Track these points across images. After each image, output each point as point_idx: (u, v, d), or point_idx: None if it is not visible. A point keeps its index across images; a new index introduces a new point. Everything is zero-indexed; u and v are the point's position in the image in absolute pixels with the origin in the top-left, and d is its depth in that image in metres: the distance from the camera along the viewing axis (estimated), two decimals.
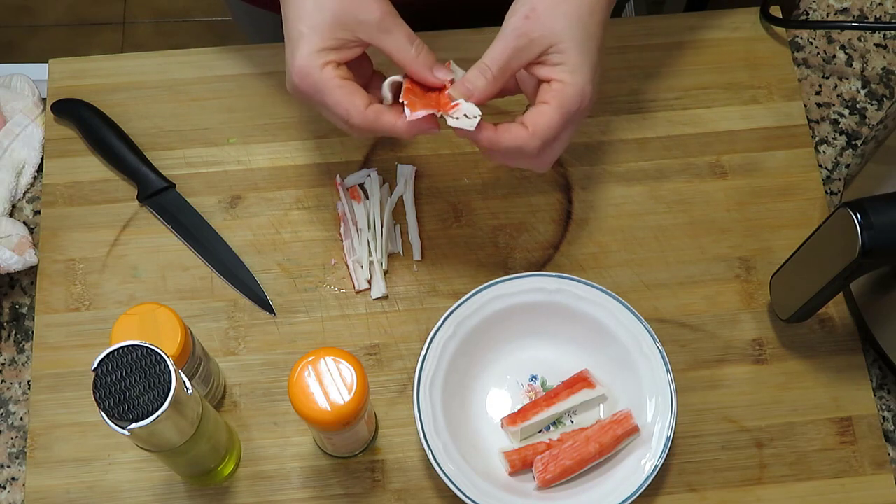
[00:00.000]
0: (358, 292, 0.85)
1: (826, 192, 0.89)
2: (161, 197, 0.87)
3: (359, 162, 0.89)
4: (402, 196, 0.88)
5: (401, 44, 0.72)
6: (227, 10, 2.09)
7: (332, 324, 0.84)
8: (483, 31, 0.94)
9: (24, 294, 0.86)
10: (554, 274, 0.81)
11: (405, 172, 0.88)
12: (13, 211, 0.88)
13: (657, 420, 0.76)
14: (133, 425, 0.61)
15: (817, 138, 0.91)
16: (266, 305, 0.84)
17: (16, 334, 0.84)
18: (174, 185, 0.87)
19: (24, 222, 0.88)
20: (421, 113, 0.71)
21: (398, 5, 0.88)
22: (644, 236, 0.87)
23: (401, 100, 0.72)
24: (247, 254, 0.86)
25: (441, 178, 0.89)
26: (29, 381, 0.82)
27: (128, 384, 0.61)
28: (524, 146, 0.71)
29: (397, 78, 0.73)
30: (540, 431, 0.79)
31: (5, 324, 0.85)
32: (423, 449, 0.75)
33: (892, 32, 0.94)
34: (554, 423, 0.80)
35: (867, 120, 0.92)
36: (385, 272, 0.85)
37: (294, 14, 0.72)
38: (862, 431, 0.80)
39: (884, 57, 0.94)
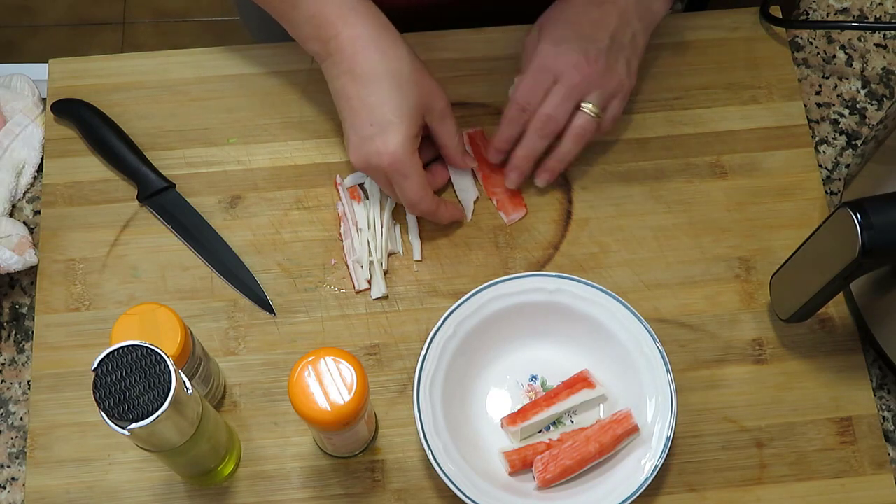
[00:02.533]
0: (358, 292, 0.85)
1: (826, 192, 0.89)
2: (161, 197, 0.87)
3: None
4: None
5: (452, 131, 0.83)
6: (226, 10, 2.09)
7: (332, 324, 0.84)
8: (483, 31, 0.94)
9: (24, 294, 0.86)
10: (554, 274, 0.81)
11: None
12: (13, 211, 0.88)
13: (657, 420, 0.76)
14: (133, 425, 0.61)
15: (817, 138, 0.91)
16: (266, 305, 0.84)
17: (16, 334, 0.84)
18: (174, 185, 0.87)
19: (24, 222, 0.88)
20: (517, 216, 0.87)
21: (403, 7, 0.89)
22: (644, 236, 0.87)
23: (493, 200, 0.87)
24: (247, 254, 0.86)
25: None
26: (29, 381, 0.82)
27: (128, 384, 0.61)
28: (505, 115, 0.84)
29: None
30: (540, 431, 0.79)
31: (5, 324, 0.85)
32: (423, 449, 0.75)
33: (892, 32, 0.94)
34: (554, 423, 0.80)
35: (867, 120, 0.92)
36: (385, 272, 0.85)
37: (377, 100, 0.77)
38: (862, 431, 0.80)
39: (884, 57, 0.94)
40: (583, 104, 0.82)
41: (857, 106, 0.92)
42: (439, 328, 0.79)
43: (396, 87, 0.77)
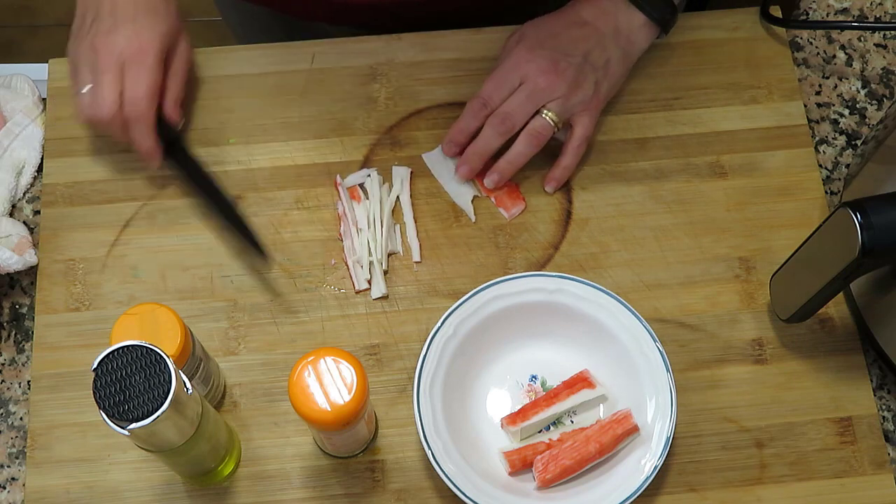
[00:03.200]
0: (358, 292, 0.85)
1: (826, 192, 0.89)
2: (173, 149, 0.86)
3: (359, 162, 0.89)
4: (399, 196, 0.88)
5: (181, 80, 0.85)
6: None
7: (332, 324, 0.84)
8: (483, 31, 0.94)
9: (24, 294, 0.86)
10: (554, 274, 0.81)
11: (400, 174, 0.88)
12: (13, 211, 0.89)
13: (657, 420, 0.76)
14: (133, 425, 0.61)
15: (817, 138, 0.91)
16: (260, 251, 0.83)
17: (16, 334, 0.84)
18: (181, 136, 0.87)
19: (24, 222, 0.88)
20: (517, 210, 0.87)
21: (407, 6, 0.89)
22: (644, 236, 0.87)
23: (490, 197, 0.88)
24: (247, 254, 0.86)
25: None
26: (29, 381, 0.82)
27: (128, 384, 0.61)
28: (467, 107, 0.85)
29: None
30: (540, 431, 0.79)
31: (5, 324, 0.85)
32: (423, 449, 0.75)
33: (892, 32, 0.94)
34: (554, 423, 0.80)
35: (867, 120, 0.92)
36: (385, 272, 0.85)
37: (153, 2, 0.82)
38: (862, 431, 0.80)
39: (884, 57, 0.94)
40: (543, 110, 0.83)
41: (857, 106, 0.92)
42: (439, 328, 0.79)
43: (167, 7, 0.84)
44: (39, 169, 0.90)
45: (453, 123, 0.86)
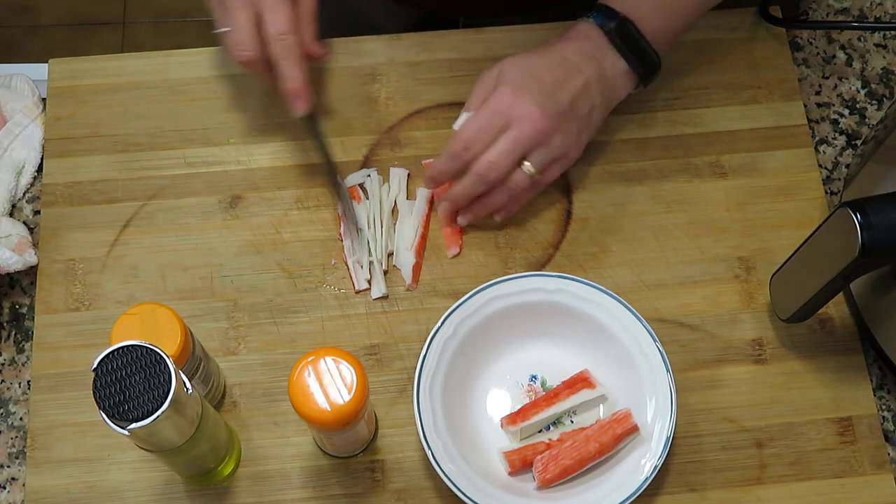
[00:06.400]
0: (358, 292, 0.85)
1: (826, 192, 0.89)
2: None
3: (359, 162, 0.89)
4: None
5: (312, 7, 0.82)
6: None
7: (332, 324, 0.84)
8: (483, 31, 0.94)
9: (24, 294, 0.86)
10: (554, 274, 0.81)
11: (398, 175, 0.88)
12: (13, 211, 0.89)
13: (657, 420, 0.76)
14: (133, 425, 0.61)
15: (817, 138, 0.91)
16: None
17: (16, 334, 0.84)
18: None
19: (24, 222, 0.88)
20: (452, 252, 0.86)
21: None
22: (644, 236, 0.87)
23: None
24: (247, 254, 0.86)
25: None
26: (29, 381, 0.82)
27: (128, 384, 0.61)
28: (448, 149, 0.80)
29: None
30: (540, 431, 0.79)
31: (5, 324, 0.85)
32: (423, 449, 0.75)
33: (892, 32, 0.94)
34: (554, 423, 0.80)
35: (867, 120, 0.92)
36: (385, 272, 0.85)
37: None
38: (862, 431, 0.80)
39: (884, 57, 0.94)
40: (525, 161, 0.80)
41: (857, 106, 0.92)
42: (439, 328, 0.79)
43: None
44: (39, 169, 0.90)
45: (433, 160, 0.84)
